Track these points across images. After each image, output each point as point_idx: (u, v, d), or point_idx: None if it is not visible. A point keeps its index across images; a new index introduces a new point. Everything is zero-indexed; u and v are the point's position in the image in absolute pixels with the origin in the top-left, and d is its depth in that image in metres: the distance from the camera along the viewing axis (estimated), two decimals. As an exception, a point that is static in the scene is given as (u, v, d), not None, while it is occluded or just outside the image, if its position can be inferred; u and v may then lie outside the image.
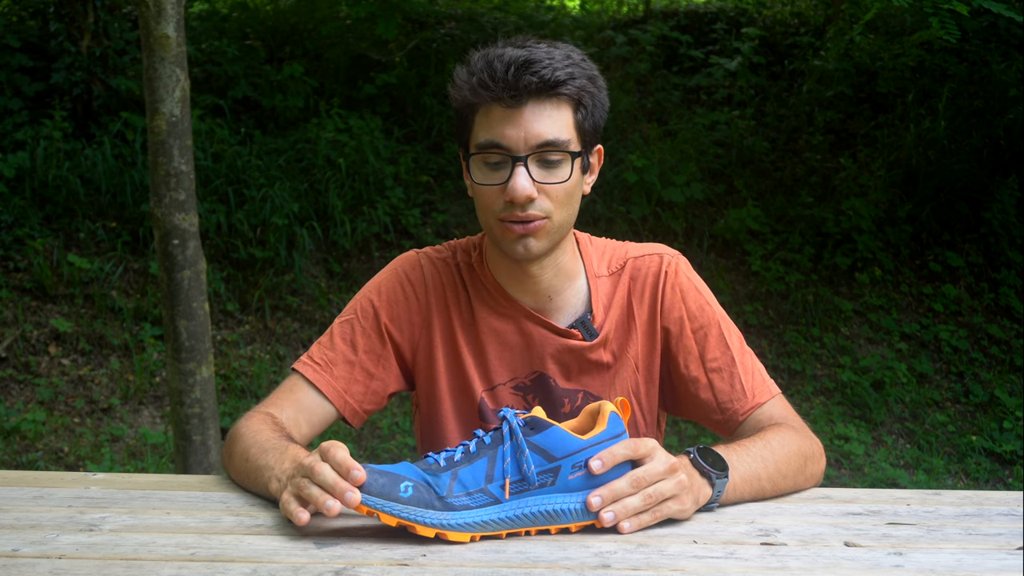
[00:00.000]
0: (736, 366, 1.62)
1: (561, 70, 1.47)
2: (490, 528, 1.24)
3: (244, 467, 1.47)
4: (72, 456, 4.65)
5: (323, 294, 5.82)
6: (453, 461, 1.25)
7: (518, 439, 1.25)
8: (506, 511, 1.24)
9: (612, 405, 1.30)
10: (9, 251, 5.53)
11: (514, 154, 1.48)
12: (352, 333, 1.65)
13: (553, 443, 1.25)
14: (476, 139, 1.52)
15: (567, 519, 1.26)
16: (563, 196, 1.52)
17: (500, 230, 1.53)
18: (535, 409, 1.29)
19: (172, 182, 3.15)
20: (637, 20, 8.54)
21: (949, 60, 7.36)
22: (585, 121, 1.53)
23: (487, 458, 1.25)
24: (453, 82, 1.53)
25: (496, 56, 1.48)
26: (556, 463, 1.25)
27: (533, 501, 1.24)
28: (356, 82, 7.10)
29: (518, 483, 1.24)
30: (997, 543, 1.27)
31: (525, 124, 1.47)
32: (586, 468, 1.26)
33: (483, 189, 1.52)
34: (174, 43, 3.10)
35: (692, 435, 5.12)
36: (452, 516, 1.22)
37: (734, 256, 6.45)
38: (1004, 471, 5.27)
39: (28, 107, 6.24)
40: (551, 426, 1.26)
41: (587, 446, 1.26)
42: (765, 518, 1.36)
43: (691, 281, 1.67)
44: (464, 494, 1.23)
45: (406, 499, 1.21)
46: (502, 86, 1.46)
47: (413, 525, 1.21)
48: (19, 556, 1.18)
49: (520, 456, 1.24)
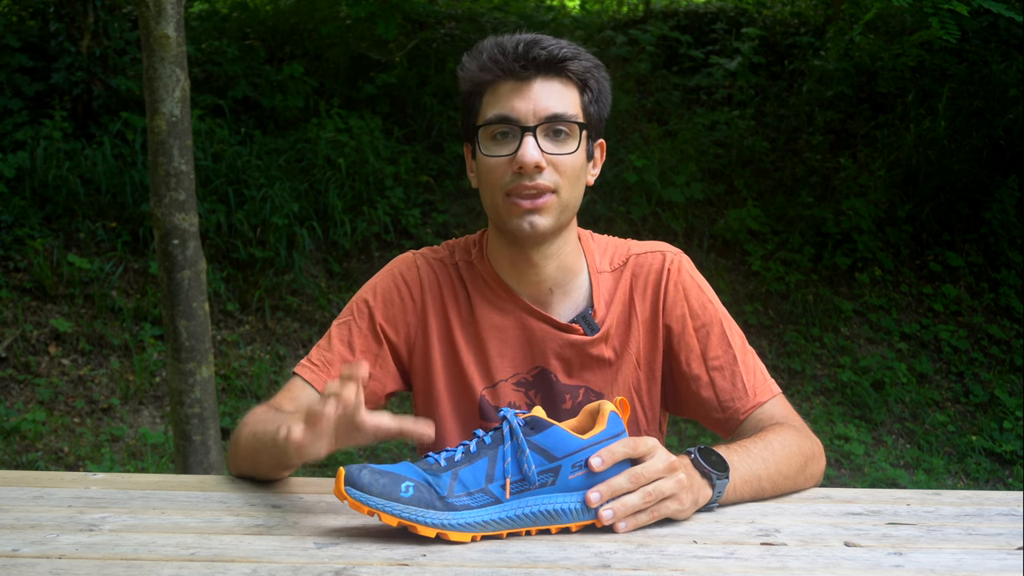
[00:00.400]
0: (738, 364, 1.62)
1: (568, 49, 1.55)
2: (491, 528, 1.24)
3: (253, 443, 1.47)
4: (72, 456, 4.65)
5: (323, 294, 5.82)
6: (454, 461, 1.25)
7: (518, 439, 1.25)
8: (507, 511, 1.24)
9: (612, 405, 1.30)
10: (9, 251, 5.53)
11: (523, 124, 1.52)
12: (349, 334, 1.66)
13: (553, 443, 1.25)
14: (484, 116, 1.56)
15: (567, 519, 1.26)
16: (570, 171, 1.55)
17: (507, 206, 1.55)
18: (535, 409, 1.29)
19: (172, 182, 3.15)
20: (637, 20, 8.54)
21: (949, 60, 7.36)
22: (591, 105, 1.58)
23: (487, 458, 1.25)
24: (463, 66, 1.58)
25: (505, 38, 1.56)
26: (556, 463, 1.25)
27: (534, 501, 1.25)
28: (356, 82, 7.10)
29: (519, 483, 1.24)
30: (997, 543, 1.27)
31: (534, 97, 1.52)
32: (586, 467, 1.26)
33: (491, 163, 1.55)
34: (174, 43, 3.10)
35: (692, 435, 5.12)
36: (453, 516, 1.22)
37: (734, 256, 6.45)
38: (1004, 471, 5.27)
39: (28, 107, 6.25)
40: (551, 426, 1.26)
41: (587, 446, 1.26)
42: (765, 518, 1.36)
43: (694, 279, 1.67)
44: (465, 494, 1.23)
45: (407, 499, 1.21)
46: (512, 58, 1.52)
47: (414, 525, 1.21)
48: (19, 556, 1.18)
49: (521, 456, 1.24)
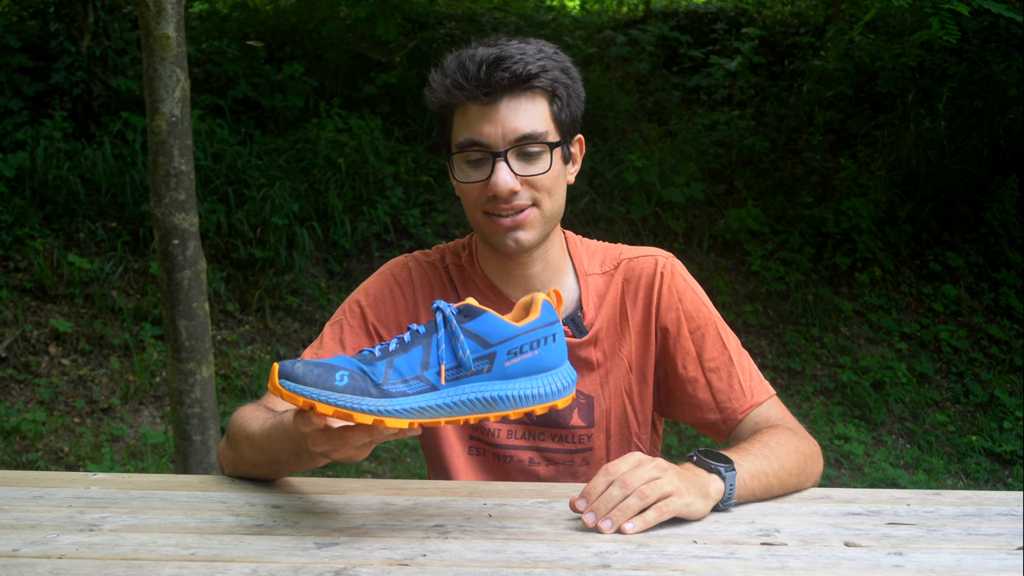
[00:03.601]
0: (734, 366, 1.63)
1: (533, 63, 1.50)
2: (428, 415, 1.22)
3: (259, 435, 1.45)
4: (72, 456, 4.65)
5: (323, 294, 5.82)
6: (388, 351, 1.23)
7: (452, 326, 1.23)
8: (443, 398, 1.22)
9: (544, 295, 1.29)
10: (9, 251, 5.53)
11: (493, 150, 1.50)
12: (341, 333, 1.66)
13: (487, 329, 1.24)
14: (456, 139, 1.54)
15: (505, 406, 1.24)
16: (548, 185, 1.54)
17: (488, 225, 1.55)
18: (467, 299, 1.28)
19: (172, 182, 3.15)
20: (637, 20, 8.54)
21: (949, 60, 7.36)
22: (561, 112, 1.55)
23: (422, 346, 1.23)
24: (429, 85, 1.55)
25: (468, 56, 1.51)
26: (491, 349, 1.23)
27: (470, 388, 1.23)
28: (356, 82, 7.10)
29: (454, 370, 1.23)
30: (997, 543, 1.27)
31: (502, 120, 1.49)
32: (521, 355, 1.24)
33: (467, 187, 1.55)
34: (174, 43, 3.10)
35: (692, 435, 5.12)
36: (389, 403, 1.19)
37: (734, 256, 6.45)
38: (1004, 471, 5.26)
39: (28, 107, 6.25)
40: (484, 312, 1.25)
41: (521, 332, 1.25)
42: (765, 518, 1.36)
43: (687, 282, 1.67)
44: (400, 381, 1.21)
45: (342, 388, 1.18)
46: (475, 84, 1.48)
47: (350, 413, 1.18)
48: (19, 556, 1.18)
49: (455, 343, 1.23)
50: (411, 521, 1.33)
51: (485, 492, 1.48)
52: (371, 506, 1.40)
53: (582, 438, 1.65)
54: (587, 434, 1.64)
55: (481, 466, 1.66)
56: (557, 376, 1.27)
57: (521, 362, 1.24)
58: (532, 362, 1.25)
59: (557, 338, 1.27)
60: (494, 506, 1.41)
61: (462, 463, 1.66)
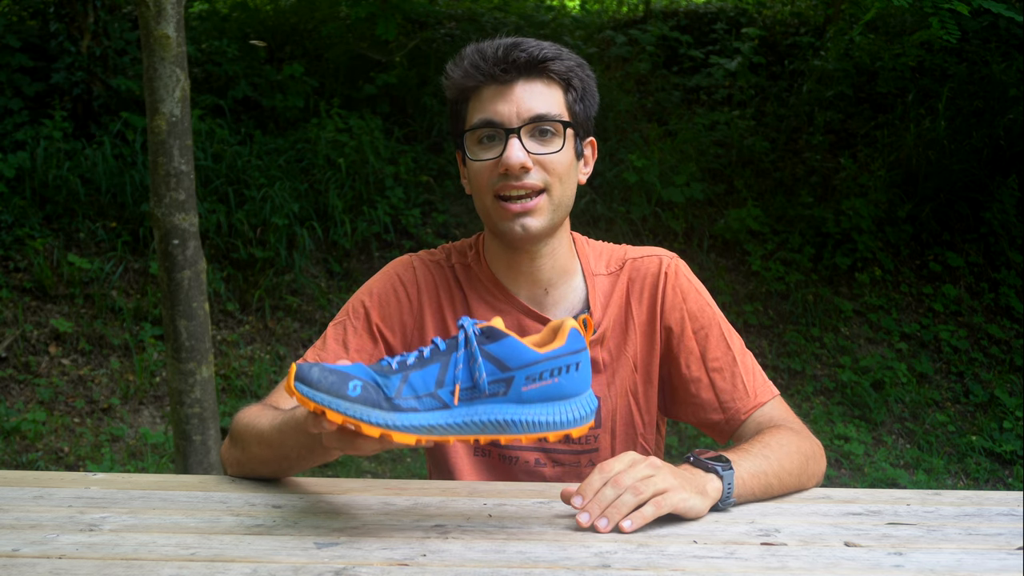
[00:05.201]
0: (738, 366, 1.63)
1: (550, 50, 1.54)
2: (437, 432, 1.21)
3: (270, 431, 1.45)
4: (72, 456, 4.65)
5: (323, 294, 5.82)
6: (406, 364, 1.23)
7: (472, 347, 1.23)
8: (454, 417, 1.22)
9: (574, 321, 1.27)
10: (9, 251, 5.53)
11: (507, 126, 1.51)
12: (344, 334, 1.65)
13: (508, 353, 1.23)
14: (470, 122, 1.56)
15: (517, 430, 1.23)
16: (559, 169, 1.54)
17: (497, 210, 1.55)
18: (494, 320, 1.27)
19: (172, 182, 3.15)
20: (637, 20, 8.54)
21: (949, 60, 7.36)
22: (576, 104, 1.57)
23: (440, 364, 1.23)
24: (446, 74, 1.58)
25: (486, 43, 1.56)
26: (509, 373, 1.22)
27: (483, 409, 1.22)
28: (356, 82, 7.10)
29: (468, 390, 1.22)
30: (997, 543, 1.27)
31: (516, 99, 1.52)
32: (540, 382, 1.23)
33: (478, 167, 1.55)
34: (174, 43, 3.10)
35: (692, 435, 5.12)
36: (398, 417, 1.19)
37: (734, 256, 6.45)
38: (1004, 471, 5.26)
39: (28, 107, 6.25)
40: (507, 336, 1.24)
41: (543, 359, 1.23)
42: (765, 518, 1.36)
43: (691, 282, 1.67)
44: (413, 397, 1.20)
45: (354, 398, 1.18)
46: (492, 62, 1.52)
47: (359, 424, 1.18)
48: (19, 556, 1.18)
49: (473, 364, 1.22)
50: (411, 521, 1.33)
51: (485, 492, 1.48)
52: (371, 506, 1.40)
53: (588, 439, 1.64)
54: (593, 435, 1.64)
55: (486, 467, 1.66)
56: (576, 404, 1.25)
57: (540, 388, 1.23)
58: (551, 389, 1.23)
59: (581, 367, 1.25)
60: (494, 506, 1.40)
61: (467, 464, 1.66)
